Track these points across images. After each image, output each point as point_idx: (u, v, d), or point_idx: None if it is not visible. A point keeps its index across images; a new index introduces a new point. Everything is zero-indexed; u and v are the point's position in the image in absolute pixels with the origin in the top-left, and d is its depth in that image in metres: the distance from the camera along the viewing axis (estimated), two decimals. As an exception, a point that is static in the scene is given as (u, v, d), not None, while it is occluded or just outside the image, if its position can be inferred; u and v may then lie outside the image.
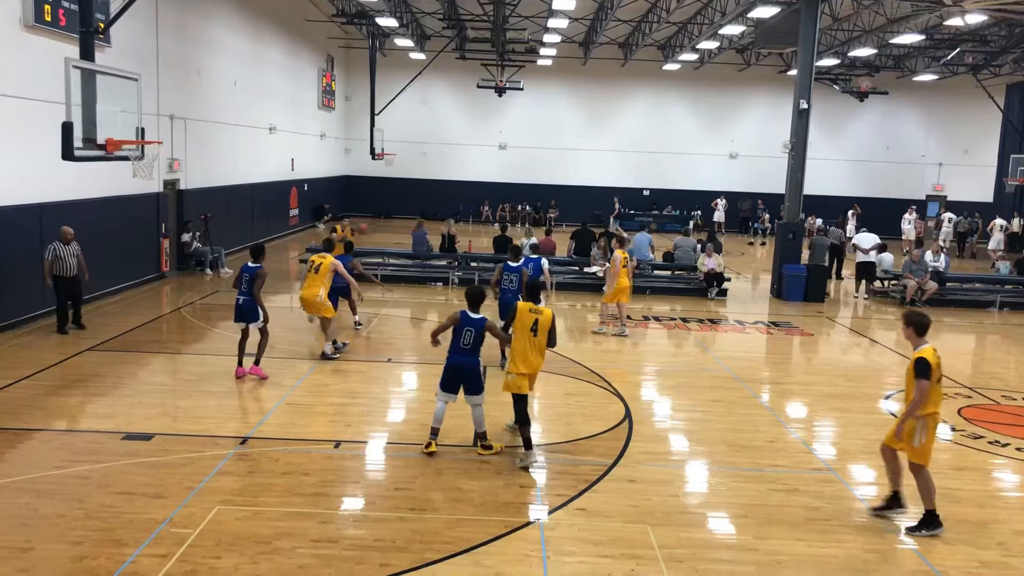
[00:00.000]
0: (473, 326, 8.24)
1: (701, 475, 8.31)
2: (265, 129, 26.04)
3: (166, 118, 18.10)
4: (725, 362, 12.95)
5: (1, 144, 12.48)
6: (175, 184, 19.15)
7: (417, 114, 37.62)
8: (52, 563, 5.92)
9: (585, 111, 38.57)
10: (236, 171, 23.24)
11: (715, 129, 38.61)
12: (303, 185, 30.88)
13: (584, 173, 38.48)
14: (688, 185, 38.40)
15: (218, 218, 20.56)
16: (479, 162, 38.66)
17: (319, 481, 7.57)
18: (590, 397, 10.67)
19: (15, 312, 12.92)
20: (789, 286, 19.14)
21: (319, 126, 33.45)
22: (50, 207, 13.52)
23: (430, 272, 19.78)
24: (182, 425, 9.00)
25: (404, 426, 9.41)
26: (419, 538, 6.50)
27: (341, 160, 37.89)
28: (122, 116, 10.96)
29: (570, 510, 7.16)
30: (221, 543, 6.26)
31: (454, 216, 27.77)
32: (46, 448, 8.17)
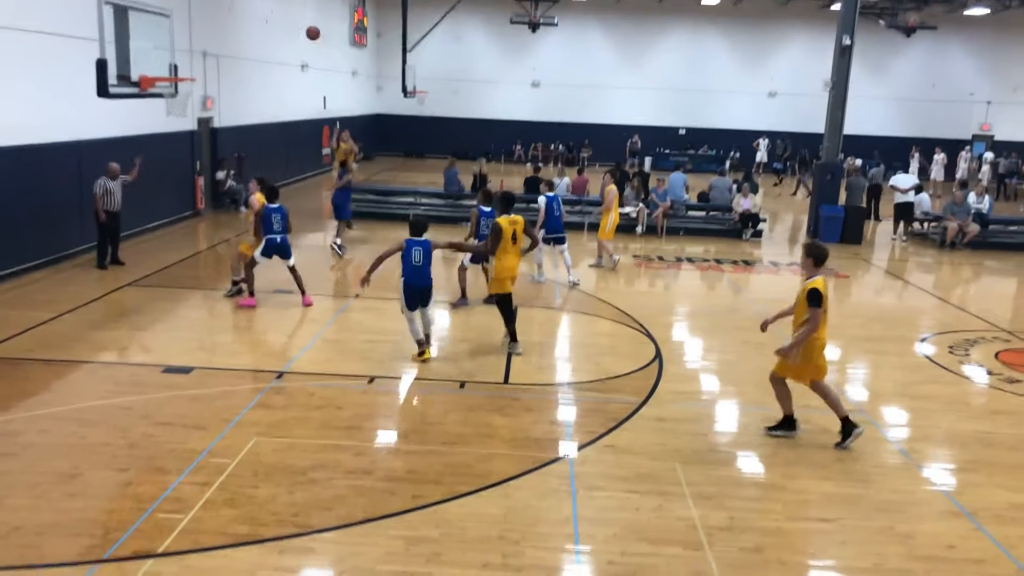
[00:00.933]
0: (420, 245, 9.19)
1: (730, 415, 8.34)
2: (297, 66, 25.91)
3: (199, 55, 18.07)
4: (758, 304, 12.87)
5: (38, 82, 12.57)
6: (208, 122, 19.20)
7: (449, 51, 37.11)
8: (100, 488, 6.15)
9: (620, 48, 37.76)
10: (268, 109, 23.22)
11: (754, 66, 37.62)
12: (335, 123, 30.78)
13: (618, 111, 37.85)
14: (725, 124, 37.65)
15: (251, 156, 20.64)
16: (512, 100, 38.18)
17: (353, 415, 7.73)
18: (620, 337, 10.69)
19: (56, 248, 13.18)
20: (826, 227, 18.84)
21: (351, 63, 33.19)
22: (88, 145, 13.66)
23: (461, 212, 19.73)
24: (219, 359, 9.20)
25: (434, 362, 9.53)
26: (450, 471, 6.64)
27: (373, 98, 37.65)
28: (155, 53, 10.95)
29: (599, 447, 7.25)
30: (259, 473, 6.45)
31: (486, 155, 27.59)
32: (91, 380, 8.42)
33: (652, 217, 18.78)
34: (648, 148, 36.08)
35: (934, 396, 8.99)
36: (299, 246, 16.20)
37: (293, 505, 5.98)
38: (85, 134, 13.66)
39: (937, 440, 7.85)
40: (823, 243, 7.89)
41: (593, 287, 13.49)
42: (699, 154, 37.02)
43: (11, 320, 10.13)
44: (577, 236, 18.13)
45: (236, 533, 5.58)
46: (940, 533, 6.03)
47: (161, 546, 5.39)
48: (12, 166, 11.94)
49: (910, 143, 33.51)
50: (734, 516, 6.12)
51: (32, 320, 10.17)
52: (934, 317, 12.54)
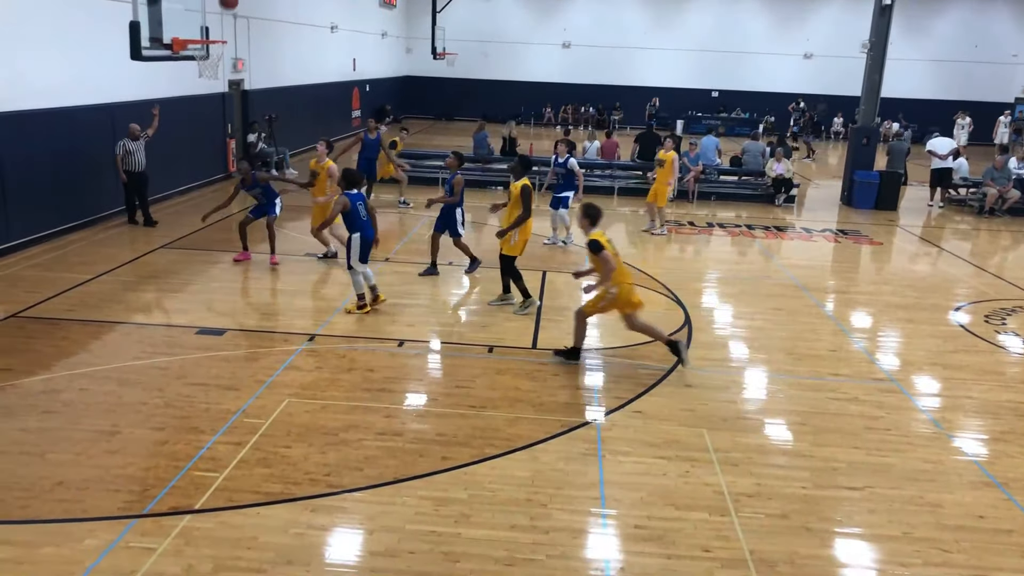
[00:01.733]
0: (361, 200, 9.55)
1: (759, 382, 8.32)
2: (326, 27, 25.80)
3: (229, 17, 18.05)
4: (789, 270, 12.75)
5: (71, 45, 12.65)
6: (240, 84, 19.25)
7: (479, 12, 36.74)
8: (137, 446, 6.31)
9: (652, 8, 37.12)
10: (299, 71, 23.21)
11: (789, 28, 36.83)
12: (365, 86, 30.73)
13: (650, 74, 37.33)
14: (759, 87, 37.00)
15: (282, 119, 20.68)
16: (542, 62, 37.79)
17: (383, 377, 7.82)
18: (649, 303, 10.60)
19: (92, 210, 13.38)
20: (860, 193, 18.54)
21: (380, 24, 32.98)
22: (120, 107, 13.77)
23: (491, 176, 19.68)
24: (252, 321, 9.33)
25: (464, 327, 9.59)
26: (479, 434, 6.71)
27: (402, 60, 37.46)
28: (186, 15, 10.96)
29: (627, 412, 7.28)
30: (291, 433, 6.57)
31: (515, 118, 27.39)
32: (127, 340, 8.59)
33: (683, 182, 18.57)
34: (680, 111, 35.59)
35: (967, 365, 8.89)
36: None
37: (325, 465, 6.10)
38: (118, 97, 13.77)
39: (969, 410, 7.78)
40: (597, 205, 8.47)
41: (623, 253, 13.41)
42: (732, 117, 36.47)
43: (50, 281, 10.34)
44: (607, 200, 18.04)
45: (269, 491, 5.71)
46: (970, 503, 6.00)
47: (197, 503, 5.53)
48: (47, 129, 12.08)
49: (947, 106, 32.74)
50: (761, 483, 6.14)
51: (70, 281, 10.37)
52: (970, 285, 12.34)
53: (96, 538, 5.10)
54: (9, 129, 11.27)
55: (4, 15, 11.15)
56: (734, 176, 20.03)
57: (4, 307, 9.42)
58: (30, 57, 11.72)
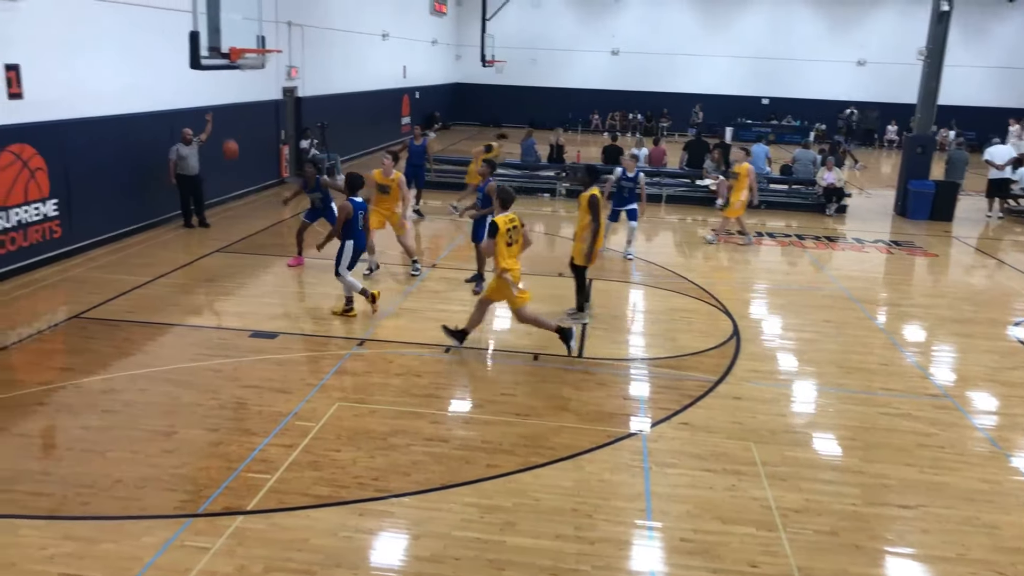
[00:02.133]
0: (363, 208, 9.78)
1: (809, 395, 8.22)
2: (378, 35, 26.15)
3: (284, 25, 18.42)
4: (840, 281, 12.56)
5: (133, 53, 13.04)
6: (293, 92, 19.62)
7: (528, 19, 36.86)
8: (192, 446, 6.48)
9: (702, 15, 36.86)
10: (350, 78, 23.55)
11: (842, 34, 36.24)
12: (414, 92, 31.05)
13: (699, 80, 37.05)
14: (810, 94, 36.47)
15: (333, 125, 21.02)
16: (590, 69, 37.76)
17: (430, 383, 7.91)
18: (697, 313, 10.60)
19: (151, 214, 13.76)
20: (914, 203, 18.16)
21: (430, 32, 33.30)
22: (179, 114, 14.14)
23: (538, 183, 19.74)
24: (303, 325, 9.51)
25: (509, 334, 9.64)
26: (524, 442, 6.75)
27: (452, 67, 37.75)
28: (244, 24, 11.21)
29: (673, 424, 7.25)
30: (341, 437, 6.69)
31: (563, 125, 27.41)
32: (183, 342, 8.82)
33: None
34: (729, 118, 35.25)
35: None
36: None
37: (373, 469, 6.20)
38: (176, 104, 14.15)
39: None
40: (511, 188, 8.82)
41: (671, 262, 13.38)
42: (782, 125, 36.01)
43: (111, 283, 10.67)
44: (654, 208, 17.96)
45: (319, 494, 5.82)
46: (1027, 525, 5.86)
47: (250, 504, 5.66)
48: (110, 135, 12.47)
49: (1005, 114, 31.87)
50: (809, 498, 6.07)
51: (130, 283, 10.68)
52: (1029, 300, 12.02)
53: (153, 536, 5.26)
54: (74, 135, 11.66)
55: (71, 25, 11.55)
56: (784, 185, 19.78)
57: (67, 308, 9.75)
58: (94, 65, 12.12)
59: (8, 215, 10.55)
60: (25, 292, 10.26)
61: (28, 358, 8.29)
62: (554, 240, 15.08)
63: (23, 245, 10.86)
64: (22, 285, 10.48)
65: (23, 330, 8.99)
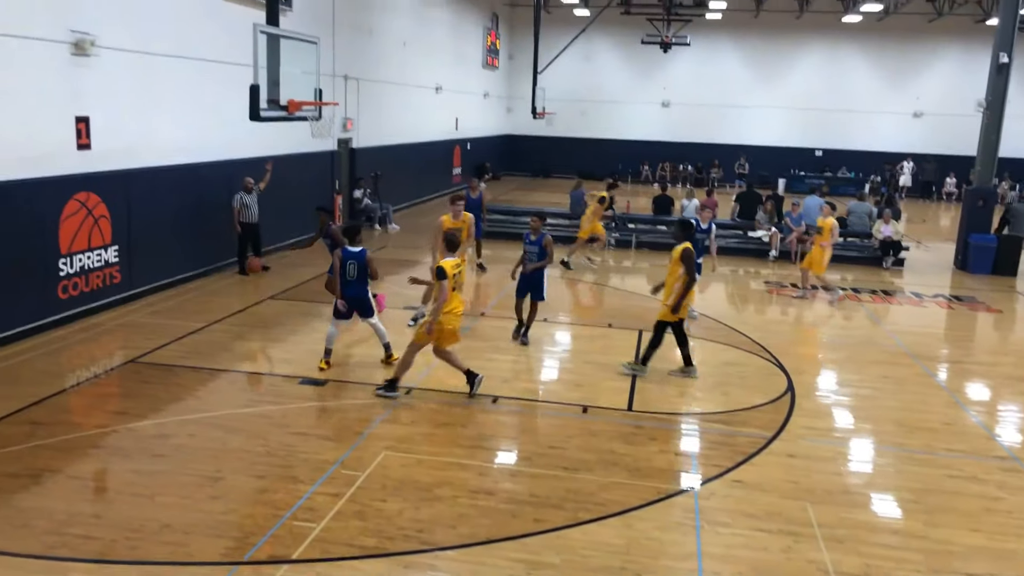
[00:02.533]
0: (355, 258, 9.27)
1: (867, 454, 7.94)
2: (431, 88, 26.70)
3: (340, 79, 18.92)
4: (899, 336, 12.21)
5: (196, 106, 13.51)
6: (348, 143, 20.06)
7: (579, 72, 37.30)
8: (239, 493, 6.50)
9: (754, 66, 36.90)
10: (404, 130, 24.02)
11: (898, 85, 35.89)
12: (466, 144, 31.52)
13: (750, 131, 36.94)
14: (865, 146, 36.05)
15: (386, 175, 21.39)
16: (640, 120, 37.95)
17: (477, 434, 7.84)
18: (750, 367, 10.39)
19: (208, 260, 14.07)
20: (975, 257, 17.69)
21: (482, 85, 33.92)
22: (236, 164, 14.55)
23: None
24: (352, 372, 9.54)
25: (558, 385, 9.55)
26: (572, 497, 6.62)
27: (502, 119, 38.30)
28: (302, 77, 11.52)
29: (726, 481, 7.05)
30: (387, 487, 6.64)
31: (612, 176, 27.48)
32: (234, 388, 8.92)
33: (786, 242, 18.19)
34: (782, 170, 34.99)
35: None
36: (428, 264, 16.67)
37: (418, 521, 6.12)
38: (234, 154, 14.56)
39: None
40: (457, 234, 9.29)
41: (722, 314, 13.18)
42: (837, 177, 35.59)
43: (167, 329, 10.89)
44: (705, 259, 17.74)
45: (364, 545, 5.76)
46: (1106, 599, 5.52)
47: (295, 553, 5.63)
48: (170, 184, 12.85)
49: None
50: (870, 563, 5.81)
51: (184, 329, 10.89)
52: (1100, 358, 11.53)
53: (198, 583, 5.25)
54: (139, 184, 12.05)
55: (137, 79, 12.02)
56: (839, 237, 19.41)
57: (124, 352, 9.96)
58: (158, 117, 12.56)
59: (72, 261, 10.89)
60: (85, 336, 10.52)
61: (85, 401, 8.46)
62: (603, 290, 15.01)
63: (84, 290, 11.18)
64: (83, 329, 10.75)
65: (81, 373, 9.20)
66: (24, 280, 10.13)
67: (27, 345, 9.94)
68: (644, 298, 13.60)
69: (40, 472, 6.71)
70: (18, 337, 10.03)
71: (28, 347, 9.88)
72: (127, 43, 11.68)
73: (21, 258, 10.06)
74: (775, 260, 18.10)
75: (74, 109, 10.84)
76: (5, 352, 9.63)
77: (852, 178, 35.25)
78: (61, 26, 10.48)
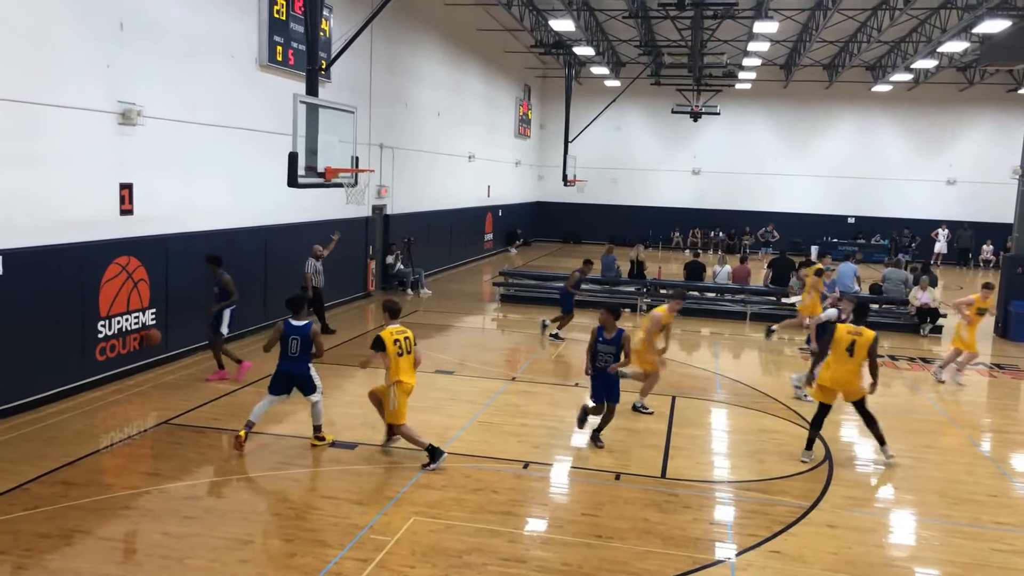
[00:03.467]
0: (298, 333, 8.87)
1: (910, 526, 7.68)
2: (465, 157, 27.20)
3: (376, 147, 19.36)
4: (939, 405, 11.92)
5: (235, 172, 13.87)
6: (382, 209, 20.40)
7: (609, 140, 37.83)
8: (267, 556, 6.43)
9: (785, 135, 37.16)
10: (437, 197, 24.41)
11: (930, 153, 35.87)
12: (497, 211, 31.91)
13: (782, 199, 36.98)
14: (898, 213, 35.87)
15: (419, 241, 21.66)
16: (671, 187, 38.22)
17: (508, 500, 7.72)
18: (786, 435, 10.18)
19: (242, 324, 14.20)
20: (1017, 325, 17.35)
21: (514, 154, 34.48)
22: (272, 229, 14.83)
23: (618, 298, 19.71)
24: (382, 436, 9.49)
25: (589, 451, 9.41)
26: (605, 566, 6.46)
27: (534, 186, 38.80)
28: (339, 146, 11.81)
29: (763, 552, 6.85)
30: (416, 553, 6.54)
31: (643, 241, 27.58)
32: (265, 450, 8.91)
33: (819, 309, 17.97)
34: (814, 237, 34.88)
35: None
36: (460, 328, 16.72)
37: (447, 589, 6.00)
38: (271, 220, 14.86)
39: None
40: (397, 300, 9.23)
41: (757, 380, 12.99)
42: (870, 244, 35.37)
43: (201, 390, 10.97)
44: (739, 325, 17.66)
45: (392, 613, 5.64)
46: None
47: (322, 619, 5.53)
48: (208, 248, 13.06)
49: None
50: (917, 642, 5.57)
51: (218, 391, 10.97)
52: None
53: (224, 648, 5.16)
54: (179, 248, 12.31)
55: (182, 147, 12.40)
56: (874, 304, 19.19)
57: (158, 414, 10.04)
58: (198, 184, 12.92)
59: (110, 323, 11.08)
60: (120, 397, 10.63)
61: (118, 462, 8.50)
62: (635, 356, 14.86)
63: (121, 352, 11.34)
64: (118, 391, 10.87)
65: (115, 434, 9.27)
66: (65, 341, 10.32)
67: (65, 405, 10.06)
68: (677, 364, 13.49)
69: (71, 533, 6.71)
70: (57, 397, 10.17)
71: (65, 407, 10.00)
72: (171, 112, 12.09)
73: (63, 320, 10.27)
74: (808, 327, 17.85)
75: (118, 176, 11.18)
76: (44, 412, 9.75)
77: (886, 245, 35.00)
78: (111, 97, 10.90)
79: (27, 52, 9.60)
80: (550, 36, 27.89)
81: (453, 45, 25.19)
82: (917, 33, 26.42)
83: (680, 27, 26.33)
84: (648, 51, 29.80)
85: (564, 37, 26.88)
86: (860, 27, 27.01)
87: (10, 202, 9.50)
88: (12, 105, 9.41)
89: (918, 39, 26.47)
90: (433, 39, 23.49)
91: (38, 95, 9.76)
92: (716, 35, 26.94)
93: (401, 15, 20.24)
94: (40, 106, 9.80)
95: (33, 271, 9.76)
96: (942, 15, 23.33)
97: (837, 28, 26.79)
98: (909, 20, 25.23)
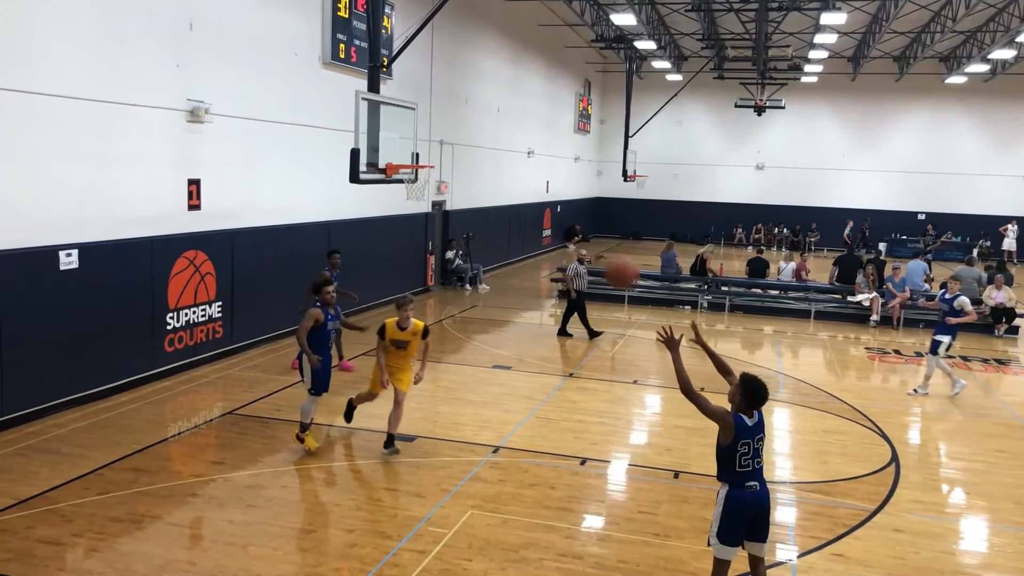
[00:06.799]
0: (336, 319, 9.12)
1: (981, 532, 7.42)
2: (523, 153, 27.20)
3: (436, 143, 19.49)
4: (1014, 408, 11.49)
5: (300, 169, 14.12)
6: (442, 205, 20.55)
7: (670, 135, 37.38)
8: (328, 546, 6.55)
9: (852, 129, 36.20)
10: (496, 193, 24.48)
11: (1006, 147, 34.51)
12: (556, 206, 31.84)
13: (849, 195, 36.03)
14: (971, 209, 34.64)
15: (478, 237, 21.76)
16: (733, 183, 37.58)
17: (565, 496, 7.71)
18: (851, 436, 9.93)
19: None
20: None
21: (573, 149, 34.34)
22: (337, 224, 15.06)
23: (678, 295, 19.50)
24: (441, 430, 9.58)
25: (647, 448, 9.34)
26: (663, 564, 6.40)
27: (593, 182, 38.59)
28: (400, 142, 11.94)
29: (825, 555, 6.70)
30: (472, 546, 6.57)
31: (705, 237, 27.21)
32: (327, 441, 9.07)
33: (888, 307, 17.51)
34: (883, 233, 33.94)
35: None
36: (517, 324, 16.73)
37: (504, 583, 6.02)
38: (333, 215, 15.09)
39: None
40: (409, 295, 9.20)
41: (821, 380, 12.71)
42: (943, 241, 34.23)
43: (263, 383, 11.22)
44: (803, 324, 17.31)
45: (449, 605, 5.69)
46: None
47: (380, 609, 5.60)
48: (272, 243, 13.39)
49: None
50: (988, 652, 5.38)
51: (280, 383, 11.19)
52: None
53: (285, 634, 5.27)
54: (244, 243, 12.60)
55: (248, 144, 12.69)
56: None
57: (223, 404, 10.30)
58: (264, 179, 13.20)
59: (178, 315, 11.40)
60: (188, 388, 10.94)
61: (185, 450, 8.75)
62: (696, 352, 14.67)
63: (188, 344, 11.66)
64: (185, 381, 11.18)
65: (182, 424, 9.54)
66: (135, 333, 10.66)
67: (135, 395, 10.39)
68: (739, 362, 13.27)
69: (141, 518, 6.94)
70: (128, 387, 10.51)
71: (136, 397, 10.33)
72: (237, 110, 12.37)
73: (134, 312, 10.61)
74: (876, 326, 17.41)
75: (187, 172, 11.50)
76: (115, 401, 10.09)
77: (959, 242, 33.83)
78: (180, 95, 11.20)
79: (103, 52, 9.92)
80: (611, 30, 27.70)
81: (513, 41, 25.21)
82: (994, 22, 25.44)
83: (744, 19, 25.85)
84: (711, 44, 29.34)
85: (625, 31, 26.67)
86: (934, 16, 26.12)
87: (85, 198, 9.86)
88: (88, 104, 9.75)
89: (995, 28, 25.48)
90: (493, 35, 23.54)
91: (112, 94, 10.09)
92: (781, 27, 26.39)
93: (461, 12, 20.33)
94: (113, 104, 10.13)
95: (106, 264, 10.11)
96: (1021, 3, 22.40)
97: (908, 18, 25.95)
98: (986, 9, 24.28)
